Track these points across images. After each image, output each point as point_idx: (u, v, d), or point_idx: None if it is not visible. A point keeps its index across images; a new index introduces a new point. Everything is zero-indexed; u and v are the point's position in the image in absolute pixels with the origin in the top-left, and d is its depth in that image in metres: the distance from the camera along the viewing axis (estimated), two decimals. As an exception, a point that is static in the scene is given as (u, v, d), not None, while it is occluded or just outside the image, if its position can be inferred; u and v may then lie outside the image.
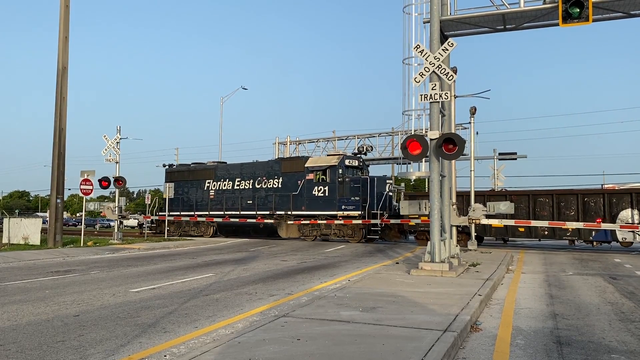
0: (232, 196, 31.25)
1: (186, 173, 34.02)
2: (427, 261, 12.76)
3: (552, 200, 22.83)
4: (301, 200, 28.14)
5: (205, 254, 20.06)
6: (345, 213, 26.86)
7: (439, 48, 13.00)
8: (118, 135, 27.40)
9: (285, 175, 29.12)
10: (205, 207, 32.32)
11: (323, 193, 27.56)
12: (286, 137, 37.47)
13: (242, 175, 31.15)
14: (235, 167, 32.11)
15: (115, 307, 8.99)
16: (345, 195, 27.03)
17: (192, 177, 33.52)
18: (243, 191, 30.91)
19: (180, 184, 33.63)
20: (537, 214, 22.97)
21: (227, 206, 31.26)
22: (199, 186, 32.86)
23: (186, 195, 33.36)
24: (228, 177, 31.74)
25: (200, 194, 32.74)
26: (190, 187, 33.30)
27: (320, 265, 16.24)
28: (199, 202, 32.71)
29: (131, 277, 13.04)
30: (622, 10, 14.76)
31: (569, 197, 22.79)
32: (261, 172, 30.25)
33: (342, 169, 27.44)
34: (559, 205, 22.66)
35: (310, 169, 28.04)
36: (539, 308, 9.22)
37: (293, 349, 5.69)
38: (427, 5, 14.53)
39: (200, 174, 33.17)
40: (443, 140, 12.55)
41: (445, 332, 6.49)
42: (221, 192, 31.79)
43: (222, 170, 32.30)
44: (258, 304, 9.36)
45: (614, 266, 16.58)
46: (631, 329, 7.57)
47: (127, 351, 6.26)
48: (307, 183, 28.03)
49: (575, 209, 22.38)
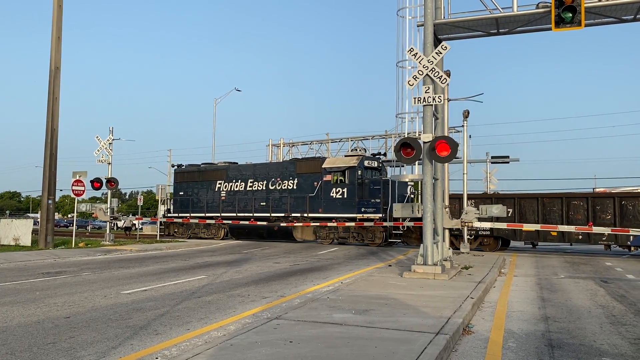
0: (245, 197, 30.46)
1: (196, 174, 33.14)
2: (420, 264, 12.78)
3: (587, 203, 21.97)
4: (318, 202, 27.34)
5: (198, 256, 19.98)
6: (365, 216, 26.04)
7: (433, 51, 13.05)
8: (110, 136, 27.29)
9: (300, 176, 28.32)
10: (216, 209, 31.47)
11: (341, 195, 26.77)
12: (279, 139, 37.48)
13: (255, 176, 30.32)
14: (248, 167, 31.31)
15: (107, 308, 8.94)
16: (364, 197, 26.28)
17: (202, 177, 32.66)
18: (256, 192, 30.08)
19: (190, 184, 32.95)
20: (571, 218, 22.12)
21: (240, 208, 30.44)
22: (210, 187, 32.04)
23: (196, 196, 32.54)
24: (240, 177, 30.91)
25: (211, 195, 31.89)
26: (201, 188, 32.46)
27: (313, 267, 16.22)
28: (209, 203, 31.87)
29: (123, 278, 12.97)
30: (614, 15, 14.88)
31: (605, 200, 21.94)
32: (275, 173, 29.45)
33: (362, 170, 26.68)
34: (594, 209, 21.76)
35: (328, 170, 27.18)
36: (531, 311, 9.25)
37: (285, 352, 5.68)
38: (421, 9, 14.59)
39: (210, 175, 32.33)
40: (436, 143, 12.59)
41: (437, 334, 6.49)
42: (233, 194, 30.99)
43: (234, 171, 31.49)
44: (250, 306, 9.33)
45: (605, 269, 16.67)
46: (622, 332, 7.61)
47: (118, 353, 6.22)
48: (324, 184, 27.23)
49: (612, 212, 21.51)
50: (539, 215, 22.58)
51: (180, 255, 20.62)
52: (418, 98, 12.97)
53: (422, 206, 13.50)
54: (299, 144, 36.72)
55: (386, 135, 33.27)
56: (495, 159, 34.70)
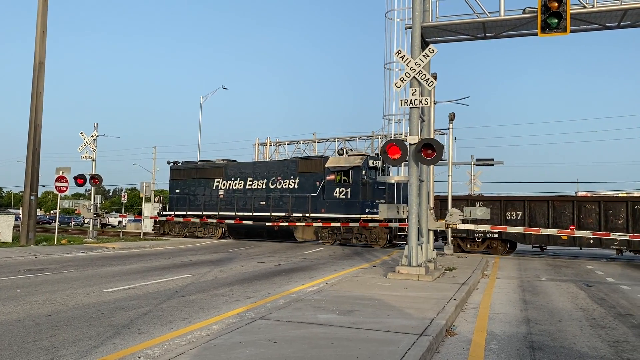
0: (244, 196, 29.81)
1: (193, 171, 32.45)
2: (404, 265, 12.85)
3: (599, 207, 21.58)
4: (320, 202, 26.82)
5: (182, 255, 19.87)
6: (369, 216, 25.48)
7: (420, 54, 13.12)
8: (95, 132, 26.99)
9: (302, 175, 27.79)
10: (214, 207, 30.82)
11: (345, 195, 26.23)
12: (266, 138, 37.39)
13: (255, 174, 29.73)
14: (247, 165, 30.84)
15: (89, 307, 8.85)
16: (368, 197, 25.83)
17: (199, 175, 31.99)
18: (256, 191, 29.47)
19: (186, 182, 32.28)
20: (582, 222, 21.75)
21: (239, 207, 29.80)
22: (207, 185, 31.36)
23: (193, 194, 31.88)
24: (239, 176, 30.29)
25: (209, 193, 31.18)
26: (198, 186, 31.80)
27: (298, 267, 16.22)
28: (207, 201, 31.18)
29: (106, 276, 12.86)
30: (599, 22, 15.08)
31: (617, 204, 21.60)
32: (276, 172, 28.87)
33: (366, 170, 26.12)
34: (606, 213, 21.42)
35: (332, 170, 26.62)
36: (513, 313, 9.35)
37: (269, 352, 5.68)
38: (410, 11, 14.66)
39: (208, 173, 31.62)
40: (422, 145, 12.67)
41: (421, 336, 6.54)
42: (232, 192, 30.35)
43: (233, 169, 30.85)
44: (234, 305, 9.30)
45: (586, 273, 16.90)
46: (601, 334, 7.72)
47: (100, 352, 6.17)
48: (327, 184, 26.68)
49: (625, 217, 21.11)
50: (549, 219, 22.22)
51: (164, 253, 20.49)
52: (405, 100, 13.03)
53: (407, 207, 13.57)
54: (286, 144, 36.67)
55: (373, 136, 33.37)
56: (479, 162, 34.97)
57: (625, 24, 15.13)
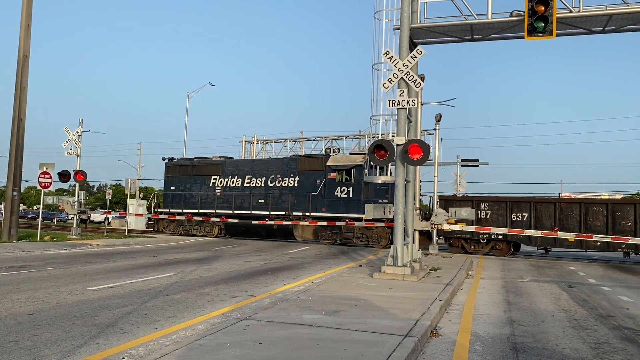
0: (242, 194, 29.23)
1: (189, 168, 31.78)
2: (390, 265, 12.91)
3: (607, 209, 21.44)
4: (321, 201, 26.35)
5: (167, 252, 19.76)
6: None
7: (408, 55, 13.18)
8: (80, 128, 26.68)
9: (302, 173, 27.31)
10: (210, 205, 30.19)
11: (347, 194, 25.76)
12: (253, 135, 37.28)
13: (254, 172, 29.17)
14: (246, 163, 30.36)
15: (72, 305, 8.77)
16: (371, 197, 25.18)
17: (195, 172, 31.34)
18: (254, 189, 28.91)
19: (182, 179, 31.61)
20: (589, 224, 21.62)
21: (236, 205, 29.23)
22: (204, 182, 30.69)
23: (189, 191, 31.20)
24: (237, 173, 29.71)
25: (205, 190, 30.55)
26: (194, 183, 31.13)
27: (284, 266, 16.21)
28: (203, 199, 30.52)
29: (89, 274, 12.74)
30: (584, 26, 15.28)
31: (625, 206, 21.51)
32: (275, 170, 28.32)
33: (368, 168, 25.61)
34: (614, 215, 21.31)
35: (333, 168, 26.11)
36: (497, 314, 9.44)
37: (254, 353, 5.67)
38: (398, 12, 14.70)
39: (205, 170, 30.99)
40: (409, 146, 12.73)
41: (406, 337, 6.57)
42: (229, 190, 29.74)
43: (231, 166, 30.24)
44: (220, 305, 9.27)
45: (568, 274, 17.11)
46: (583, 336, 7.83)
47: (83, 352, 6.11)
48: (328, 183, 26.19)
49: (633, 219, 21.02)
50: (556, 221, 22.08)
51: (149, 251, 20.35)
52: (392, 101, 13.08)
53: (393, 207, 13.62)
54: (273, 141, 36.58)
55: (360, 136, 33.41)
56: (465, 162, 35.19)
57: (610, 29, 15.34)
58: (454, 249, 23.99)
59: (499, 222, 22.87)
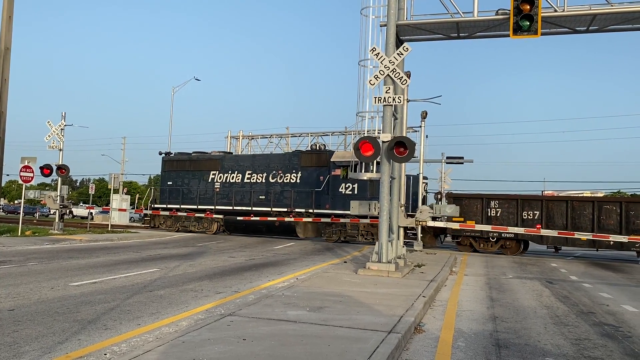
0: (242, 190, 28.79)
1: (187, 163, 31.23)
2: (375, 261, 12.94)
3: (620, 208, 21.19)
4: (325, 198, 25.86)
5: (151, 248, 19.61)
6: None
7: (394, 52, 13.19)
8: (63, 122, 26.35)
9: (305, 169, 26.93)
10: (209, 201, 29.74)
11: (351, 191, 25.27)
12: (239, 131, 37.09)
13: (254, 167, 28.73)
14: (246, 158, 29.90)
15: (54, 301, 8.66)
16: (376, 193, 24.77)
17: (194, 167, 30.82)
18: (255, 185, 28.45)
19: (179, 174, 31.12)
20: (602, 223, 21.38)
21: (236, 201, 28.79)
22: (202, 177, 30.22)
23: (187, 187, 30.68)
24: (237, 168, 29.23)
25: (204, 186, 30.06)
26: (192, 179, 30.63)
27: (268, 262, 16.18)
28: (201, 195, 30.06)
29: (71, 270, 12.59)
30: (568, 26, 15.43)
31: (639, 205, 21.23)
32: (277, 165, 27.89)
33: (374, 164, 25.18)
34: (627, 214, 21.06)
35: (338, 164, 25.55)
36: (480, 310, 9.52)
37: (238, 349, 5.65)
38: (385, 8, 14.71)
39: (204, 165, 30.48)
40: (395, 143, 12.76)
41: (390, 333, 6.59)
42: (229, 185, 29.28)
43: (230, 161, 29.81)
44: (204, 301, 9.23)
45: (550, 271, 17.31)
46: (564, 332, 7.92)
47: (64, 349, 6.04)
48: (332, 179, 25.67)
49: None
50: (568, 220, 21.84)
51: (133, 246, 20.18)
52: (378, 98, 13.09)
53: (379, 204, 13.66)
54: (259, 137, 36.42)
55: (346, 132, 33.41)
56: (450, 160, 35.40)
57: (594, 29, 15.51)
58: (462, 248, 23.79)
59: (509, 220, 22.62)
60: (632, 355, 6.73)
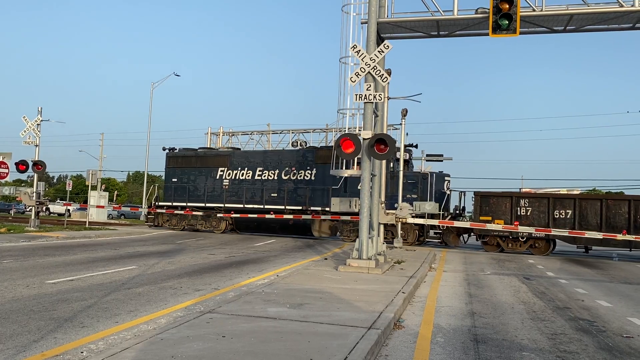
0: (252, 187, 27.79)
1: (193, 159, 30.03)
2: (355, 258, 12.99)
3: None
4: (343, 196, 24.63)
5: (129, 245, 19.39)
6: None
7: (375, 50, 13.23)
8: (39, 117, 25.87)
9: (320, 166, 25.86)
10: (217, 199, 28.54)
11: (372, 188, 24.98)
12: (219, 127, 36.86)
13: (266, 164, 27.72)
14: (257, 154, 28.85)
15: (29, 299, 8.51)
16: (397, 192, 23.94)
17: (200, 163, 29.65)
18: (266, 182, 27.49)
19: (185, 170, 29.88)
20: (639, 223, 20.78)
21: (247, 198, 27.75)
22: (210, 174, 29.04)
23: (193, 184, 29.49)
24: (247, 165, 28.19)
25: (211, 183, 28.90)
26: (198, 175, 29.43)
27: (249, 259, 16.13)
28: (209, 192, 28.83)
29: (48, 267, 12.39)
30: (546, 25, 15.64)
31: None
32: (290, 162, 26.91)
33: (394, 162, 24.37)
34: None
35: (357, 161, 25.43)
36: (459, 306, 9.62)
37: (218, 346, 5.62)
38: (366, 6, 14.73)
39: (211, 161, 29.36)
40: (375, 140, 12.81)
41: (369, 329, 6.63)
42: (238, 183, 28.21)
43: (240, 158, 28.76)
44: (183, 299, 9.16)
45: (527, 267, 17.56)
46: (541, 327, 8.05)
47: (40, 347, 5.94)
48: (350, 176, 24.69)
49: None
50: (602, 219, 21.26)
51: (111, 243, 19.94)
52: (359, 95, 13.12)
53: (359, 201, 13.71)
54: (239, 134, 36.22)
55: (327, 130, 33.43)
56: (430, 157, 35.65)
57: (571, 29, 15.76)
58: (488, 247, 23.23)
59: (540, 219, 22.14)
60: (606, 349, 6.87)
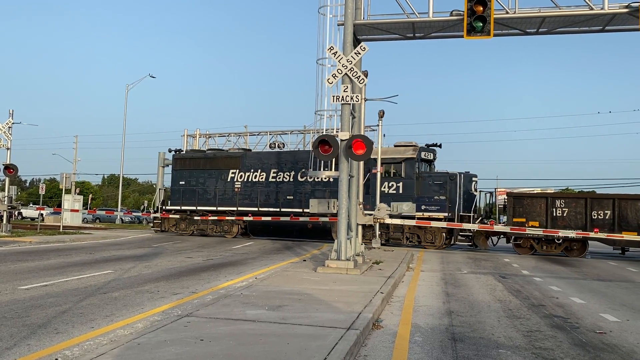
0: (266, 190, 26.94)
1: (202, 161, 29.13)
2: (334, 259, 13.01)
3: None
4: (365, 198, 23.71)
5: (105, 249, 19.11)
6: (427, 214, 23.26)
7: (352, 51, 13.29)
8: (10, 119, 25.36)
9: None
10: (229, 202, 27.71)
11: (395, 190, 23.84)
12: (195, 129, 36.56)
13: (280, 165, 26.89)
14: (270, 155, 27.91)
15: (1, 306, 8.32)
16: (423, 193, 23.70)
17: (209, 165, 28.76)
18: (281, 184, 26.64)
19: (193, 173, 28.97)
20: None
21: (260, 201, 26.94)
22: (220, 177, 28.19)
23: (202, 186, 28.57)
24: (260, 167, 27.38)
25: (222, 185, 28.05)
26: (208, 178, 28.56)
27: (227, 262, 16.03)
28: (220, 195, 28.00)
29: (21, 272, 12.13)
30: (519, 27, 15.91)
31: None
32: (306, 163, 25.68)
33: (419, 162, 23.96)
34: None
35: (381, 162, 23.45)
36: (436, 305, 9.71)
37: (196, 350, 5.57)
38: (342, 8, 14.79)
39: (221, 163, 28.49)
40: (353, 142, 12.86)
41: (348, 330, 6.64)
42: (251, 185, 27.39)
43: (252, 159, 27.97)
44: (160, 303, 9.06)
45: (503, 265, 17.82)
46: (517, 325, 8.18)
47: (12, 354, 5.82)
48: (373, 178, 23.61)
49: None
50: None
51: (86, 248, 19.61)
52: (337, 96, 13.16)
53: (337, 202, 13.74)
54: (216, 136, 35.98)
55: (304, 131, 33.40)
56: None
57: (544, 31, 16.06)
58: (521, 250, 22.80)
59: (576, 220, 21.60)
60: (579, 345, 7.01)
